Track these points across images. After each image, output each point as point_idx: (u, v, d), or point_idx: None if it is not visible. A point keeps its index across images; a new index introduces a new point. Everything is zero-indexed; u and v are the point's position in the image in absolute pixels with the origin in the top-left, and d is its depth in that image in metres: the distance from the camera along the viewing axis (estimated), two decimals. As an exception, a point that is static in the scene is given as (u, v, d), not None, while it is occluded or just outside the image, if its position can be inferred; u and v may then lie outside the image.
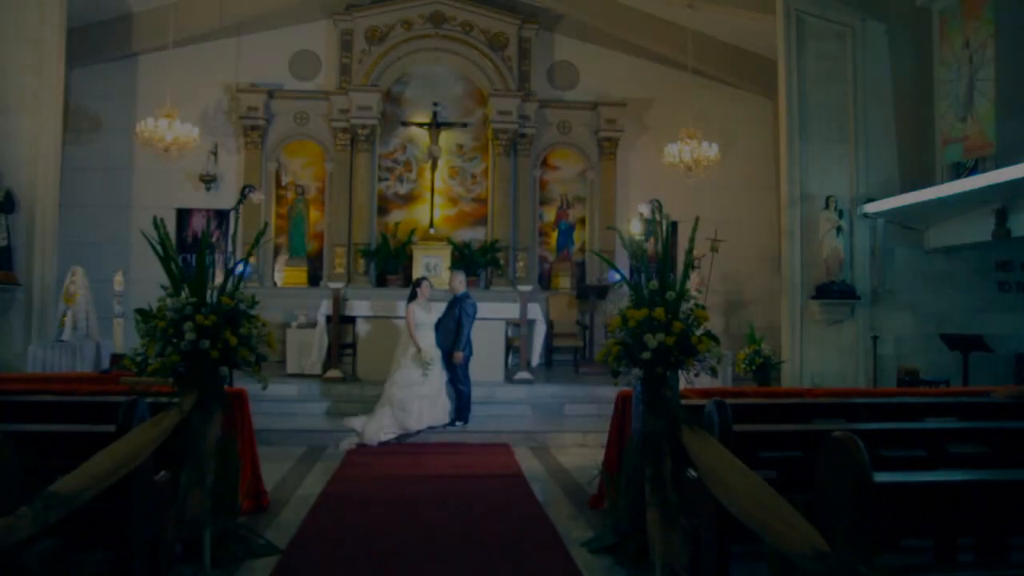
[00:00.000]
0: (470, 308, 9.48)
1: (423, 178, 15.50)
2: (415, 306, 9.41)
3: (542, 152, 15.71)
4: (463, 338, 9.37)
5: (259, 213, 14.91)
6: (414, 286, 9.67)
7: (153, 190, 15.15)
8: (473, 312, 9.51)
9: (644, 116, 16.12)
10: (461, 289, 9.64)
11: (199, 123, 15.05)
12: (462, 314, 9.39)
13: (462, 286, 9.67)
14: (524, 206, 15.36)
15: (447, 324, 9.49)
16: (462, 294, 9.60)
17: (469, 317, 9.43)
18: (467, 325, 9.41)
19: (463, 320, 9.37)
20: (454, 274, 9.82)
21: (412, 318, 9.36)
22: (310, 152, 15.33)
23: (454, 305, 9.53)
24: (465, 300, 9.50)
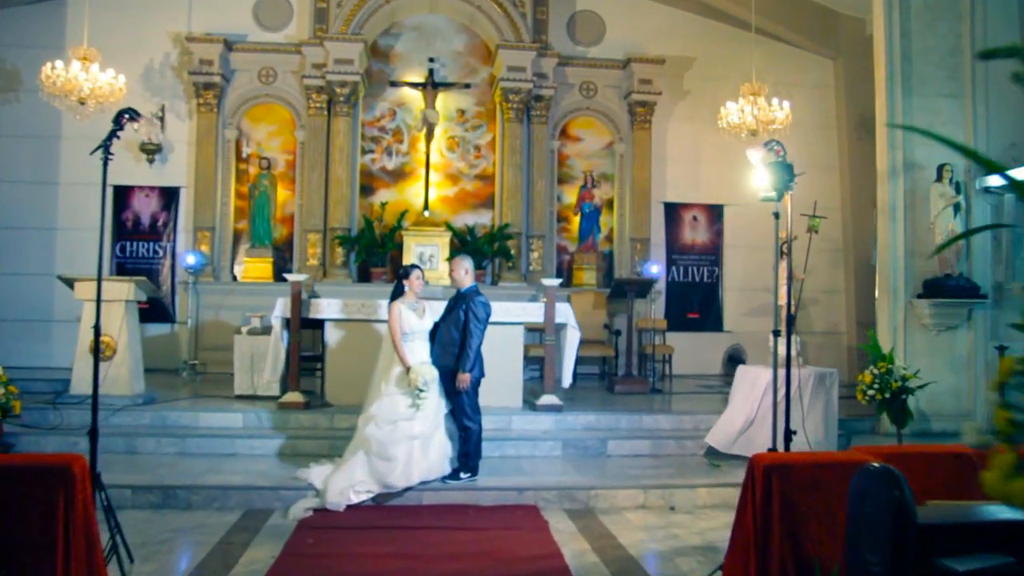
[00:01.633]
0: (481, 309, 6.56)
1: (416, 151, 12.57)
2: (401, 306, 6.50)
3: (561, 120, 12.78)
4: (472, 352, 6.44)
5: (213, 190, 11.97)
6: (399, 277, 6.76)
7: (86, 163, 12.09)
8: (486, 315, 6.60)
9: (683, 79, 13.20)
10: (468, 282, 6.72)
11: (142, 81, 12.14)
12: (470, 317, 6.48)
13: (469, 278, 6.72)
14: (539, 185, 12.43)
15: (448, 332, 6.57)
16: (469, 289, 6.69)
17: (480, 322, 6.52)
18: (477, 333, 6.50)
19: (471, 326, 6.47)
20: (457, 261, 6.85)
21: (397, 322, 6.45)
22: (278, 117, 12.38)
23: (458, 305, 6.63)
24: (474, 298, 6.59)
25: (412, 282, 6.63)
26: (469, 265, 6.68)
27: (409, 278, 6.63)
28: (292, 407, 7.89)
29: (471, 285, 6.65)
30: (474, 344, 6.40)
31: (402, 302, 6.55)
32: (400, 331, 6.47)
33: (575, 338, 8.30)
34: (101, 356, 7.68)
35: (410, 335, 6.50)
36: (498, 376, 7.90)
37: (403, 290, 6.62)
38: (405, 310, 6.51)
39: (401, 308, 6.50)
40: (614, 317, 12.39)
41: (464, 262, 6.70)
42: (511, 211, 12.24)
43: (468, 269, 6.66)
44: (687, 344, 12.38)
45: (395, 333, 6.48)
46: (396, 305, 6.53)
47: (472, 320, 6.41)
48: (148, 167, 12.12)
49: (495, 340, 7.81)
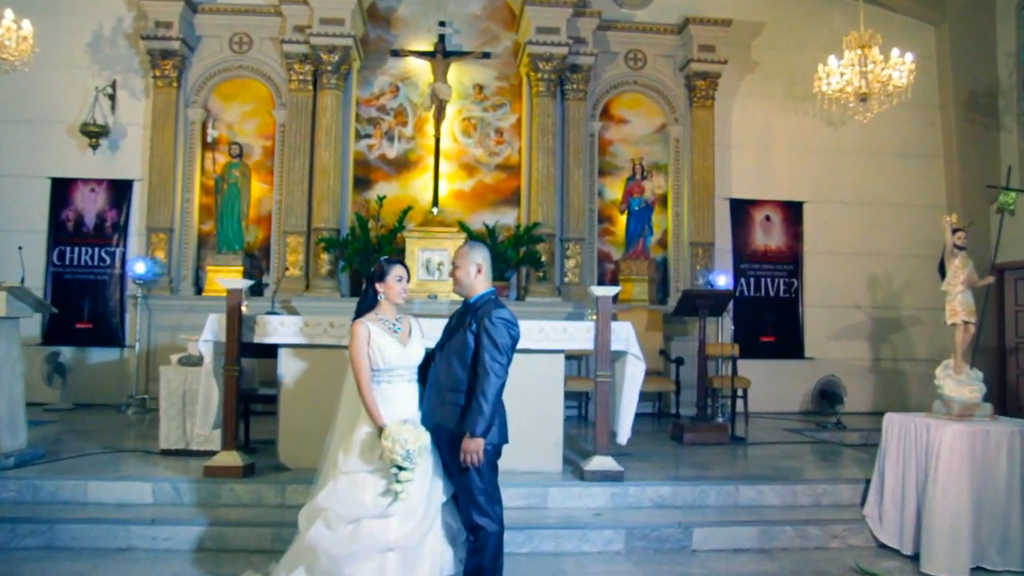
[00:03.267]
0: (503, 330, 3.79)
1: (423, 135, 10.02)
2: (370, 326, 3.90)
3: (603, 96, 10.18)
4: (487, 403, 3.71)
5: (171, 184, 9.47)
6: (370, 278, 4.10)
7: (17, 150, 9.74)
8: (511, 339, 3.83)
9: (751, 48, 10.57)
10: (480, 287, 4.00)
11: (90, 51, 9.72)
12: (484, 344, 3.76)
13: (482, 280, 4.00)
14: (576, 176, 9.81)
15: (447, 368, 3.88)
16: (483, 298, 3.97)
17: (502, 352, 3.77)
18: (497, 370, 3.74)
19: (487, 358, 3.73)
20: (464, 253, 4.05)
21: (362, 352, 3.83)
22: (253, 94, 9.88)
23: (465, 324, 3.92)
24: (491, 312, 3.83)
25: (390, 286, 3.98)
26: (483, 258, 3.99)
27: (385, 280, 3.99)
28: (225, 474, 5.27)
29: (486, 291, 3.98)
30: (491, 389, 3.70)
31: (372, 319, 3.94)
32: (366, 366, 3.85)
33: (638, 373, 5.60)
34: None
35: (386, 373, 3.87)
36: (528, 428, 5.28)
37: (375, 300, 4.01)
38: (377, 332, 3.88)
39: (370, 329, 3.88)
40: (670, 341, 9.71)
41: (474, 254, 3.99)
42: (541, 208, 9.62)
43: (481, 265, 3.96)
44: (761, 374, 9.65)
45: (359, 370, 3.85)
46: (362, 325, 3.90)
47: (488, 348, 3.73)
48: (97, 156, 9.64)
49: (523, 375, 5.19)
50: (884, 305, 10.52)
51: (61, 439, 6.92)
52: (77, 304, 9.50)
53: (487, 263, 3.98)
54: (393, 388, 3.90)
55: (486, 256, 4.00)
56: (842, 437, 8.30)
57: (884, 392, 10.28)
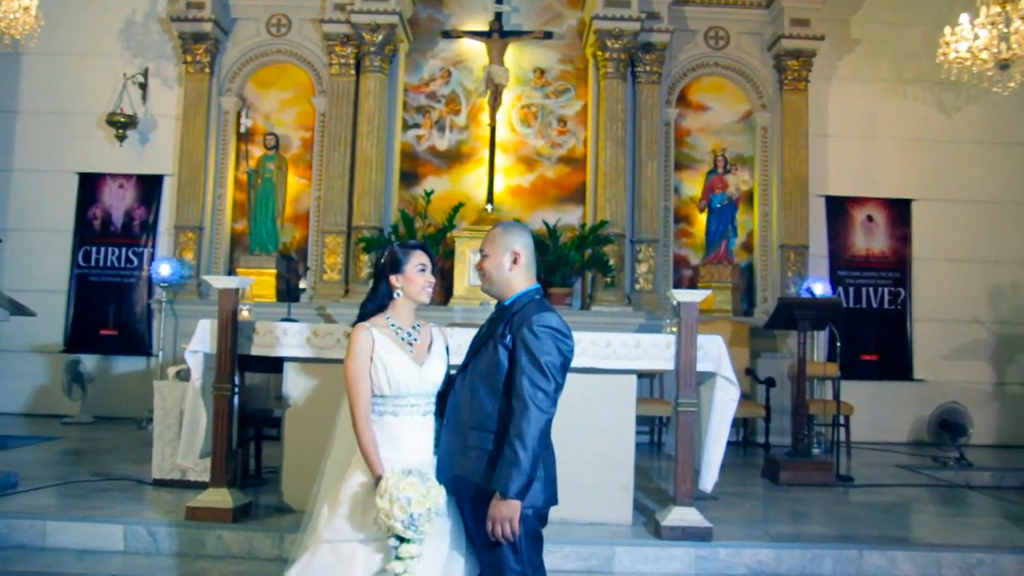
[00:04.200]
0: (550, 343, 2.58)
1: (477, 124, 8.93)
2: (375, 333, 2.80)
3: (680, 80, 8.92)
4: (526, 448, 2.51)
5: (202, 178, 8.60)
6: (381, 268, 2.91)
7: (45, 143, 9.03)
8: (561, 357, 2.61)
9: (851, 23, 9.18)
10: (520, 284, 2.77)
11: (123, 38, 8.96)
12: (522, 362, 2.57)
13: (520, 274, 2.77)
14: (649, 169, 8.57)
15: (471, 396, 2.73)
16: (524, 297, 2.75)
17: (546, 373, 2.55)
18: (540, 401, 2.53)
19: (523, 383, 2.54)
20: (496, 237, 2.80)
21: (358, 371, 2.72)
22: (292, 81, 8.94)
23: (496, 334, 2.72)
24: (532, 318, 2.62)
25: (410, 279, 2.83)
26: (521, 244, 2.77)
27: (403, 270, 2.83)
28: (212, 517, 4.21)
29: (527, 289, 2.76)
30: (532, 429, 2.50)
31: (380, 325, 2.82)
32: (365, 390, 2.73)
33: (730, 401, 4.33)
34: None
35: (392, 401, 2.74)
36: (589, 468, 4.09)
37: (387, 298, 2.88)
38: (385, 343, 2.75)
39: (375, 338, 2.75)
40: (757, 358, 8.37)
41: (508, 237, 2.78)
42: (609, 206, 8.40)
43: (519, 254, 2.75)
44: (862, 398, 8.23)
45: (355, 395, 2.72)
46: (364, 331, 2.77)
47: (527, 370, 2.54)
48: (127, 150, 8.84)
49: (583, 401, 4.04)
50: (1010, 320, 8.95)
51: (54, 461, 6.01)
52: (102, 309, 8.70)
53: (528, 251, 2.78)
54: (400, 423, 2.76)
55: (527, 242, 2.80)
56: (968, 477, 6.86)
57: (1011, 422, 8.70)
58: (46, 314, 8.70)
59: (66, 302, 8.72)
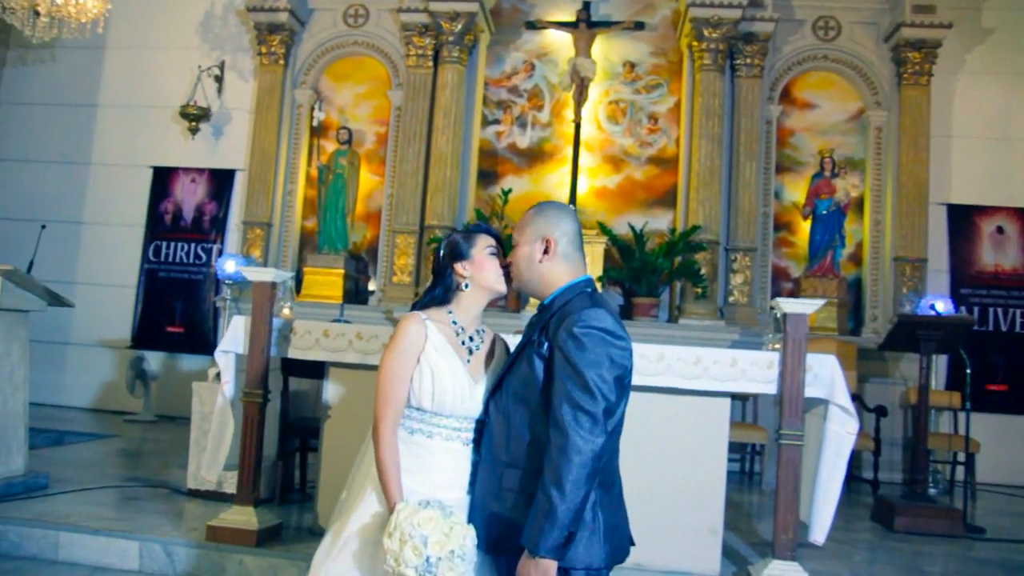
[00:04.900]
0: (596, 347, 1.91)
1: (561, 121, 8.31)
2: (429, 326, 2.18)
3: (784, 74, 8.10)
4: (565, 491, 1.85)
5: (272, 173, 8.27)
6: (443, 257, 2.31)
7: (122, 137, 8.90)
8: (616, 365, 1.96)
9: (982, 10, 8.17)
10: (561, 277, 2.12)
11: (201, 31, 8.75)
12: (560, 375, 1.93)
13: (563, 266, 2.12)
14: (747, 171, 7.79)
15: (508, 422, 2.11)
16: (568, 291, 2.10)
17: (591, 391, 1.90)
18: (584, 425, 1.88)
19: (564, 404, 1.90)
20: (527, 222, 2.16)
21: (395, 365, 2.14)
22: (368, 74, 8.54)
23: (532, 341, 2.09)
24: (576, 314, 1.97)
25: (480, 264, 2.25)
26: (561, 229, 2.12)
27: (470, 255, 2.26)
28: (234, 539, 3.71)
29: (572, 283, 2.11)
30: (571, 467, 1.84)
31: (437, 317, 2.24)
32: (398, 395, 2.15)
33: (847, 436, 3.55)
34: None
35: (430, 419, 2.16)
36: (670, 507, 3.42)
37: (450, 290, 2.29)
38: (438, 342, 2.17)
39: (428, 334, 2.17)
40: (865, 383, 7.44)
41: (540, 220, 2.14)
42: (702, 210, 7.65)
43: (552, 240, 2.10)
44: (989, 434, 7.20)
45: (383, 398, 2.15)
46: (416, 321, 2.19)
47: (568, 386, 1.89)
48: (201, 144, 8.63)
49: (663, 427, 3.38)
50: None
51: (98, 461, 5.68)
52: (169, 305, 8.46)
53: (567, 237, 2.14)
54: (433, 448, 2.17)
55: (565, 225, 2.15)
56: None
57: None
58: (116, 309, 8.57)
59: (135, 297, 8.52)
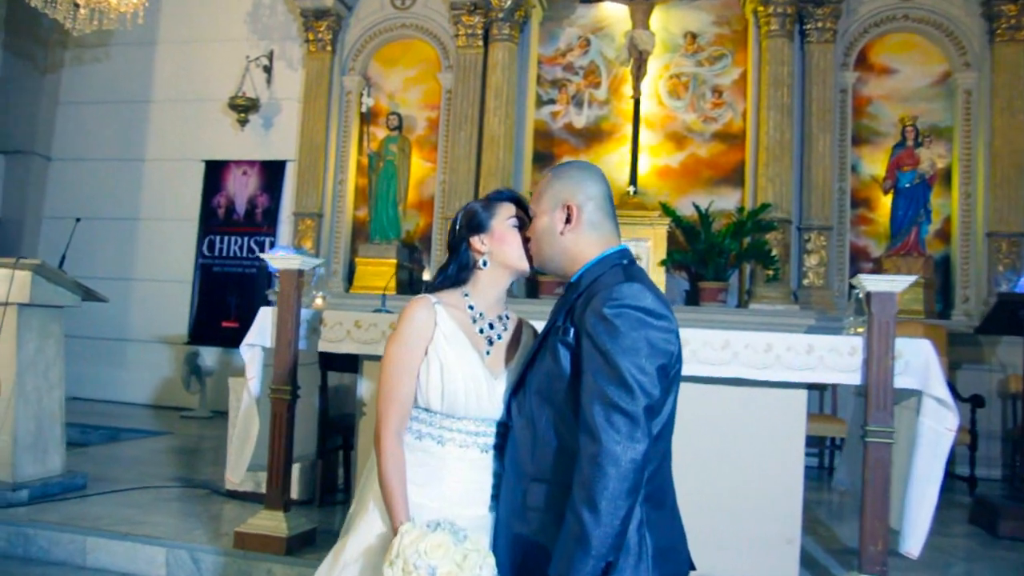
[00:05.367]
0: (632, 329, 1.53)
1: (619, 98, 7.88)
2: (440, 312, 1.84)
3: (859, 38, 7.48)
4: (599, 512, 1.48)
5: (322, 163, 8.06)
6: (459, 229, 1.95)
7: (174, 132, 8.83)
8: (656, 351, 1.56)
9: (1084, -42, 7.41)
10: (587, 250, 1.74)
11: (250, 21, 8.60)
12: (589, 366, 1.56)
13: (589, 236, 1.74)
14: (820, 144, 7.22)
15: (532, 427, 1.74)
16: (599, 265, 1.71)
17: (626, 386, 1.49)
18: (619, 428, 1.49)
19: (595, 403, 1.52)
20: (545, 187, 1.78)
21: (398, 357, 1.82)
22: (417, 57, 8.25)
23: (557, 327, 1.69)
24: (606, 291, 1.58)
25: (500, 237, 1.89)
26: (579, 194, 1.73)
27: (488, 228, 1.90)
28: (261, 546, 3.45)
29: (602, 255, 1.73)
30: (604, 478, 1.46)
31: (450, 301, 1.89)
32: (403, 394, 1.81)
33: (946, 430, 3.09)
34: None
35: (441, 421, 1.82)
36: (738, 515, 3.00)
37: (467, 270, 1.93)
38: (449, 329, 1.82)
39: (438, 320, 1.83)
40: (957, 371, 6.82)
41: (559, 185, 1.76)
42: (772, 187, 7.14)
43: (576, 207, 1.72)
44: (1099, 423, 6.52)
45: (386, 398, 1.81)
46: (422, 305, 1.84)
47: (598, 380, 1.52)
48: (251, 136, 8.50)
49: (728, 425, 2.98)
50: None
51: (145, 460, 5.54)
52: (224, 300, 8.35)
53: (595, 201, 1.76)
54: (445, 456, 1.82)
55: (590, 188, 1.76)
56: None
57: None
58: (173, 305, 8.51)
59: (191, 293, 8.45)
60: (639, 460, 1.49)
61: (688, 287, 7.45)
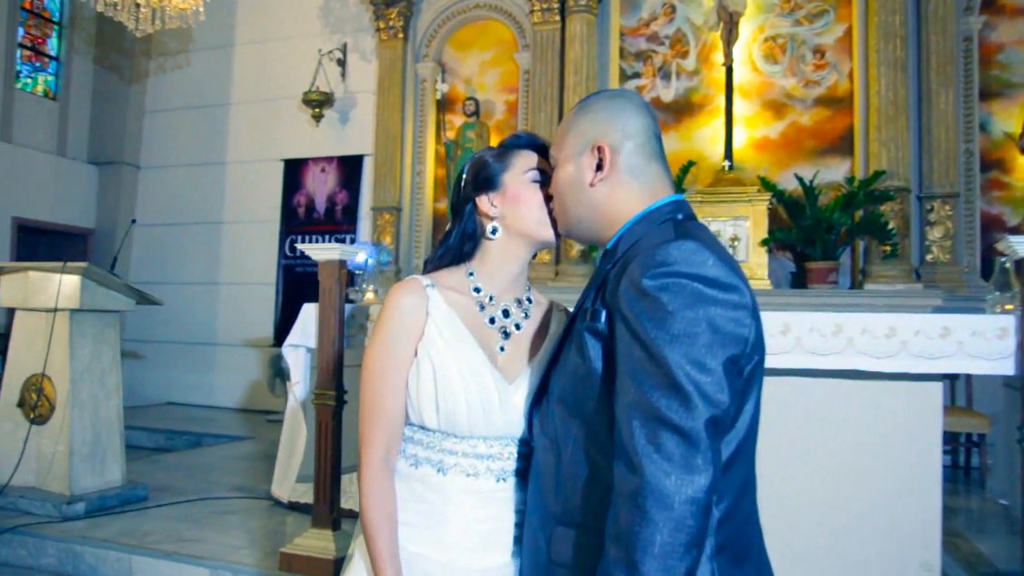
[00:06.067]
0: (680, 308, 1.04)
1: (709, 67, 7.24)
2: (432, 297, 1.40)
3: (984, -21, 6.63)
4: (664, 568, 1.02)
5: (398, 155, 7.77)
6: (464, 188, 1.48)
7: (253, 133, 8.75)
8: (716, 335, 1.07)
9: None
10: (628, 205, 1.25)
11: (322, 15, 8.41)
12: (625, 363, 1.08)
13: (632, 185, 1.27)
14: (941, 101, 6.39)
15: (558, 448, 1.29)
16: (641, 224, 1.23)
17: (676, 385, 1.01)
18: (669, 453, 0.99)
19: (635, 417, 1.03)
20: (568, 125, 1.32)
21: (378, 369, 1.38)
22: (493, 38, 7.84)
23: (582, 311, 1.23)
24: (648, 256, 1.09)
25: (515, 196, 1.43)
26: (613, 129, 1.26)
27: (498, 185, 1.44)
28: (307, 569, 3.10)
29: (650, 208, 1.25)
30: (649, 525, 0.98)
31: (449, 283, 1.43)
32: (383, 410, 1.37)
33: None
34: (28, 415, 3.67)
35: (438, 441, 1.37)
36: (860, 536, 2.43)
37: (473, 240, 1.47)
38: (444, 318, 1.37)
39: (429, 309, 1.38)
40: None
41: (583, 123, 1.30)
42: (886, 152, 6.36)
43: (608, 147, 1.25)
44: None
45: (366, 417, 1.38)
46: (405, 294, 1.39)
47: (636, 380, 1.05)
48: (328, 132, 8.30)
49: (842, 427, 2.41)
50: None
51: (217, 467, 5.34)
52: (307, 301, 8.14)
53: (636, 139, 1.27)
54: (449, 487, 1.34)
55: (635, 123, 1.28)
56: None
57: None
58: (258, 307, 8.41)
59: (275, 294, 8.33)
60: (701, 498, 1.01)
61: (794, 268, 6.76)
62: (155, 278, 8.58)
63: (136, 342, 8.80)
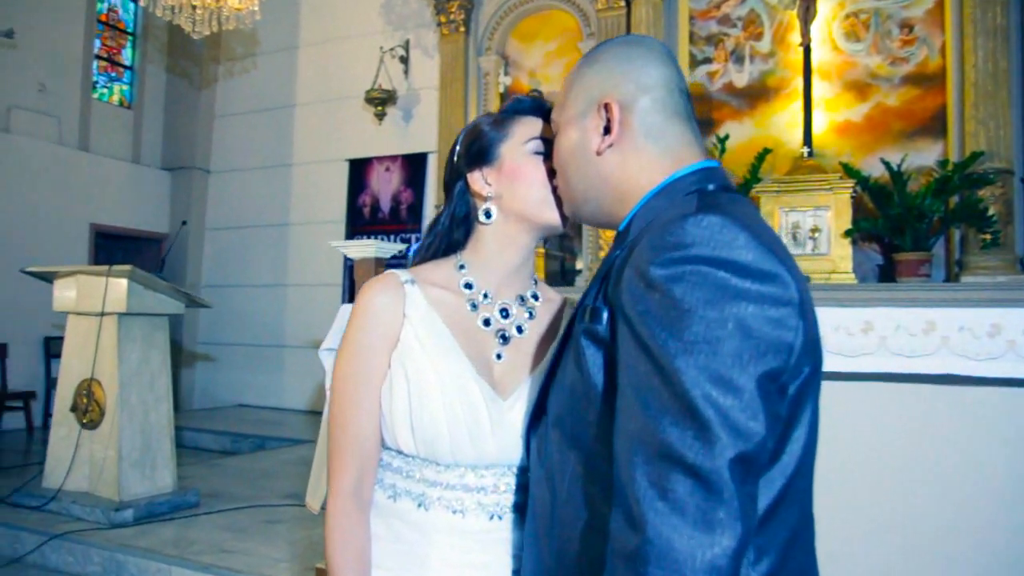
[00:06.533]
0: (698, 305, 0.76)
1: (785, 48, 6.80)
2: (410, 293, 1.16)
3: (1095, -63, 6.00)
4: None
5: (460, 150, 7.47)
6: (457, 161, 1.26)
7: (318, 133, 8.72)
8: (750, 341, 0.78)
9: None
10: (645, 176, 0.99)
11: (384, 12, 8.33)
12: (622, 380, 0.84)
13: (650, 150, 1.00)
14: (1047, 75, 5.83)
15: (556, 482, 1.02)
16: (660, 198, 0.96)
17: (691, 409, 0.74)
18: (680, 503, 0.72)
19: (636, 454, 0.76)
20: (569, 86, 1.06)
21: (348, 391, 1.14)
22: (557, 28, 7.58)
23: (582, 309, 0.97)
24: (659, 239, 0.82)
25: (514, 171, 1.18)
26: (630, 82, 0.98)
27: (493, 158, 1.20)
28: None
29: (667, 180, 0.98)
30: None
31: (433, 278, 1.19)
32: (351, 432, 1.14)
33: None
34: (81, 420, 3.63)
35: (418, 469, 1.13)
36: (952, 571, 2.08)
37: (458, 221, 1.24)
38: (425, 320, 1.14)
39: (407, 311, 1.14)
40: None
41: (589, 76, 1.03)
42: (984, 131, 5.82)
43: (617, 104, 0.98)
44: None
45: (334, 440, 1.15)
46: (378, 293, 1.15)
47: (644, 403, 0.78)
48: (391, 130, 8.19)
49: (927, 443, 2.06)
50: None
51: (273, 472, 5.25)
52: (373, 301, 8.09)
53: (655, 93, 0.99)
54: (431, 524, 1.08)
55: (653, 75, 0.99)
56: None
57: None
58: (325, 308, 8.34)
59: (341, 295, 8.27)
60: (725, 566, 0.73)
61: (881, 261, 6.28)
62: (225, 281, 8.65)
63: (209, 345, 8.89)
